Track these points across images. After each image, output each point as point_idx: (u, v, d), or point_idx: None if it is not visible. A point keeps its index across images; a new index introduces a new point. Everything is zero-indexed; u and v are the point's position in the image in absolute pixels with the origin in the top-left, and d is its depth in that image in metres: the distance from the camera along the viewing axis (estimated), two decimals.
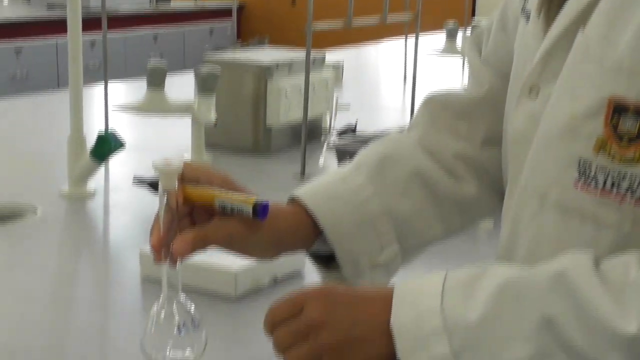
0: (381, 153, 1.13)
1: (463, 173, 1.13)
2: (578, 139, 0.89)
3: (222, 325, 1.19)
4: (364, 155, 1.14)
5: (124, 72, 4.96)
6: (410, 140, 1.15)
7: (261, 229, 1.01)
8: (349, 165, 1.13)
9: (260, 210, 0.96)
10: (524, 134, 0.97)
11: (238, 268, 1.27)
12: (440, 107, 1.16)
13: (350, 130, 2.28)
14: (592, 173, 0.88)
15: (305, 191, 1.11)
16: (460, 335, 0.86)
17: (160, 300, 1.06)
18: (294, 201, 1.10)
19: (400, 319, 0.89)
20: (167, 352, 1.06)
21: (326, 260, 1.11)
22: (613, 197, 0.87)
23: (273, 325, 0.93)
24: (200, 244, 0.98)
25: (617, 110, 0.87)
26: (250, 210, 0.96)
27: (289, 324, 0.92)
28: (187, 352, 1.06)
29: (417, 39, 2.45)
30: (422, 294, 0.90)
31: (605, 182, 0.87)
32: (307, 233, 1.08)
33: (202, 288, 1.26)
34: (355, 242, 1.08)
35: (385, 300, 0.90)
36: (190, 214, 1.01)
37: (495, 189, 1.13)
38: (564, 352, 0.82)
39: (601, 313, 0.81)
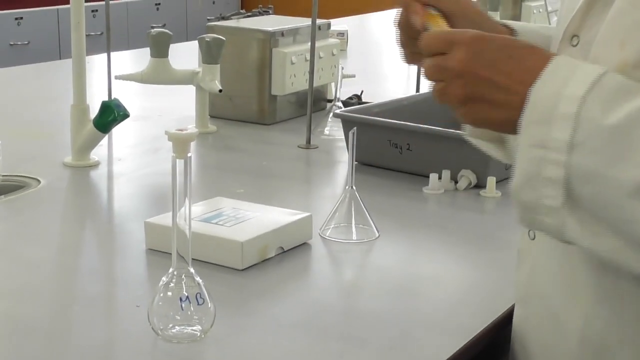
0: None
1: None
2: None
3: (229, 297, 1.17)
4: None
5: (127, 44, 4.93)
6: None
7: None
8: None
9: None
10: None
11: (245, 238, 1.26)
12: None
13: (356, 99, 2.26)
14: None
15: (513, 22, 1.14)
16: (586, 130, 0.84)
17: (169, 273, 1.05)
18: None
19: (542, 89, 0.88)
20: (174, 325, 1.05)
21: None
22: None
23: (426, 51, 0.94)
24: None
25: None
26: None
27: (435, 58, 0.93)
28: (195, 326, 1.05)
29: None
30: (575, 74, 0.87)
31: None
32: None
33: (208, 259, 1.25)
34: None
35: (536, 66, 0.89)
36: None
37: None
38: None
39: None
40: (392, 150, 1.72)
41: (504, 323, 1.15)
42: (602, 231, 0.87)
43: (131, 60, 2.97)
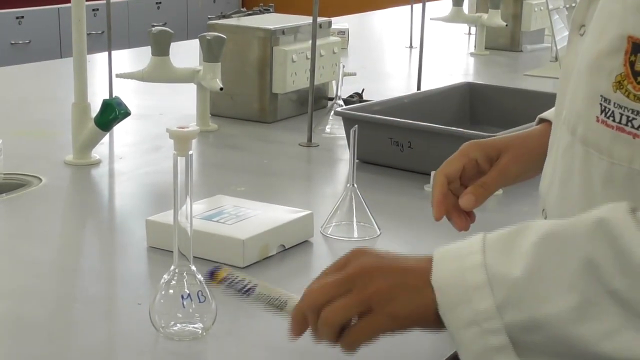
0: None
1: None
2: (601, 76, 0.92)
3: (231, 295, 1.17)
4: None
5: (127, 42, 4.93)
6: None
7: (521, 159, 1.18)
8: None
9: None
10: (568, 70, 1.02)
11: (246, 236, 1.26)
12: None
13: (357, 97, 2.26)
14: (611, 108, 0.91)
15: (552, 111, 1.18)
16: (504, 289, 0.85)
17: (171, 270, 1.05)
18: (542, 121, 1.22)
19: (441, 274, 0.88)
20: (175, 323, 1.05)
21: None
22: (627, 132, 0.89)
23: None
24: (483, 193, 1.15)
25: (635, 49, 0.89)
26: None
27: (330, 280, 0.91)
28: (197, 324, 1.05)
29: (424, 5, 2.42)
30: (463, 251, 0.89)
31: (621, 118, 0.89)
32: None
33: (210, 257, 1.25)
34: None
35: (428, 259, 0.91)
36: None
37: None
38: (609, 296, 0.82)
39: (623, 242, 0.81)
40: (393, 148, 1.72)
41: None
42: None
43: (132, 58, 2.98)
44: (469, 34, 3.55)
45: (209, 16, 2.41)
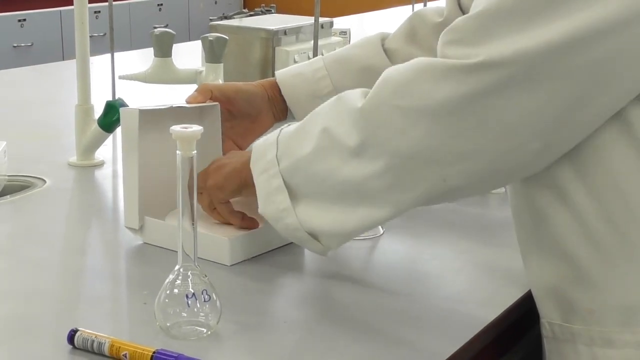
0: (346, 52, 1.52)
1: None
2: None
3: (234, 294, 1.18)
4: (335, 50, 1.54)
5: (129, 44, 4.94)
6: (378, 44, 1.51)
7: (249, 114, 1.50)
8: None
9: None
10: None
11: (233, 237, 1.26)
12: (419, 19, 1.52)
13: None
14: None
15: (282, 70, 1.53)
16: (282, 143, 1.17)
17: (175, 270, 1.05)
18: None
19: (257, 144, 1.21)
20: (180, 323, 1.05)
21: None
22: None
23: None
24: None
25: None
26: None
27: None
28: (202, 323, 1.05)
29: (425, 5, 2.42)
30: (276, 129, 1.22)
31: None
32: (282, 102, 1.51)
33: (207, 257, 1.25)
34: (309, 110, 1.39)
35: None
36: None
37: None
38: (333, 145, 1.11)
39: (349, 103, 1.10)
40: None
41: (511, 317, 1.16)
42: (327, 207, 1.14)
43: (134, 60, 2.98)
44: None
45: (211, 17, 2.41)
